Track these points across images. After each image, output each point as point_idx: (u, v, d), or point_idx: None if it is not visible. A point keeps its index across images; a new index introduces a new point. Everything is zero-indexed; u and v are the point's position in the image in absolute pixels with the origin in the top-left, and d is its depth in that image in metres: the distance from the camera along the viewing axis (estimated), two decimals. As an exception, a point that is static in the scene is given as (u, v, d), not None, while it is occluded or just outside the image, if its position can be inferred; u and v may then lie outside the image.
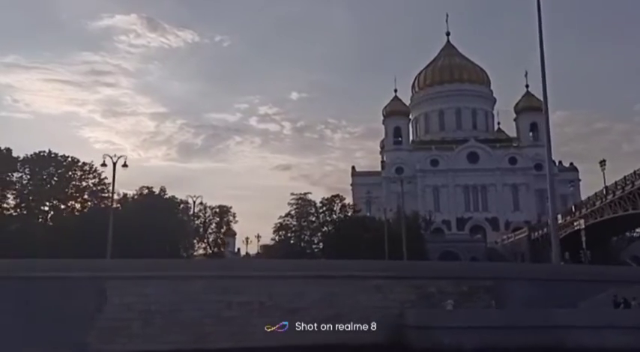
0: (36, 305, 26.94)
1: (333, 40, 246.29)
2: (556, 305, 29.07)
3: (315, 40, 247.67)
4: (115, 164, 38.98)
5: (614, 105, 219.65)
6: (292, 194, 67.20)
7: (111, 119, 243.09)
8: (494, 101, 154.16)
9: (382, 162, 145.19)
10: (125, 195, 67.20)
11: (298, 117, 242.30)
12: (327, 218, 66.22)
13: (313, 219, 66.39)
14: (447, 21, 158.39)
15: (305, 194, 67.45)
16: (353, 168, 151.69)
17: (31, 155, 56.13)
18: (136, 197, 67.79)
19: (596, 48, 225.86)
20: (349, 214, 68.63)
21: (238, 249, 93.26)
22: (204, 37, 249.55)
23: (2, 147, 54.41)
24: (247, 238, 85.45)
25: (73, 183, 57.41)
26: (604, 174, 54.85)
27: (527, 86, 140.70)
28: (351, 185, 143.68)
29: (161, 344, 27.42)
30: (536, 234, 76.04)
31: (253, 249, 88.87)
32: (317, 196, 69.88)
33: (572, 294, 30.05)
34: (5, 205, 55.53)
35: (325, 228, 65.85)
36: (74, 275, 27.33)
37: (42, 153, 56.17)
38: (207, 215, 66.75)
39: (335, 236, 62.39)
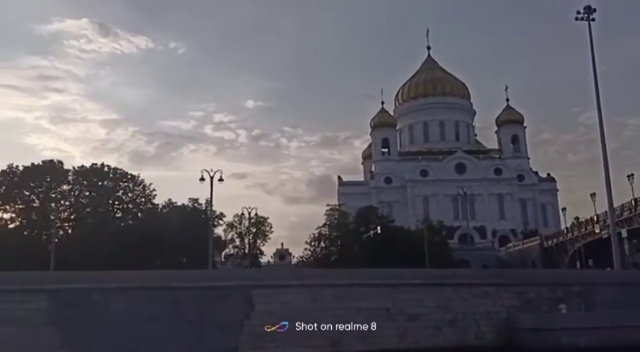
0: (190, 313, 28.57)
1: (289, 48, 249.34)
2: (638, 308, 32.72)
3: (271, 47, 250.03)
4: (212, 178, 40.78)
5: (559, 117, 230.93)
6: (327, 205, 69.84)
7: (59, 126, 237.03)
8: (474, 113, 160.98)
9: (371, 172, 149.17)
10: (154, 205, 67.94)
11: (254, 125, 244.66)
12: (362, 228, 68.94)
13: (347, 229, 68.87)
14: (427, 36, 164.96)
15: (340, 205, 69.98)
16: (339, 177, 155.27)
17: (79, 167, 56.77)
18: (166, 209, 68.80)
19: (542, 61, 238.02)
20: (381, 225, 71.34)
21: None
22: (157, 44, 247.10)
23: (55, 160, 54.95)
24: (282, 244, 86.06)
25: (120, 195, 58.23)
26: (632, 187, 59.89)
27: (507, 100, 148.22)
28: (338, 194, 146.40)
29: (303, 348, 29.46)
30: (549, 242, 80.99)
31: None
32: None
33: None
34: (53, 216, 55.83)
35: (362, 238, 68.37)
36: (224, 284, 29.10)
37: (94, 165, 56.91)
38: (244, 225, 68.28)
39: (371, 246, 65.01)
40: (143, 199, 59.55)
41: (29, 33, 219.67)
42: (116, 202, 57.47)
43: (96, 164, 56.68)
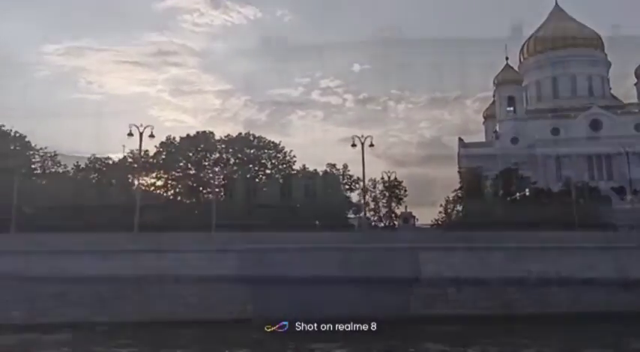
0: (360, 273, 29.81)
1: (393, 10, 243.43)
2: None
3: (376, 10, 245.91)
4: (362, 144, 41.53)
5: None
6: (460, 166, 68.40)
7: (179, 98, 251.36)
8: (610, 66, 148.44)
9: (494, 132, 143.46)
10: (293, 170, 70.31)
11: (360, 89, 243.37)
12: (501, 191, 67.22)
13: (484, 192, 67.43)
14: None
15: (476, 168, 68.48)
16: (460, 139, 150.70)
17: (226, 136, 60.60)
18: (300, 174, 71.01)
19: None
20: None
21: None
22: (265, 13, 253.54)
23: (207, 131, 59.21)
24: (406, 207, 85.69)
25: (264, 161, 61.39)
26: None
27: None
28: (459, 156, 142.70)
29: (474, 309, 29.83)
30: None
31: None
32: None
33: None
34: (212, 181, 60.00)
35: (505, 200, 66.59)
36: (393, 246, 29.96)
37: (240, 135, 60.60)
38: (378, 189, 69.27)
39: (514, 209, 63.09)
40: (284, 165, 62.49)
41: (147, 10, 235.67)
42: (260, 169, 60.83)
43: (241, 133, 60.62)
